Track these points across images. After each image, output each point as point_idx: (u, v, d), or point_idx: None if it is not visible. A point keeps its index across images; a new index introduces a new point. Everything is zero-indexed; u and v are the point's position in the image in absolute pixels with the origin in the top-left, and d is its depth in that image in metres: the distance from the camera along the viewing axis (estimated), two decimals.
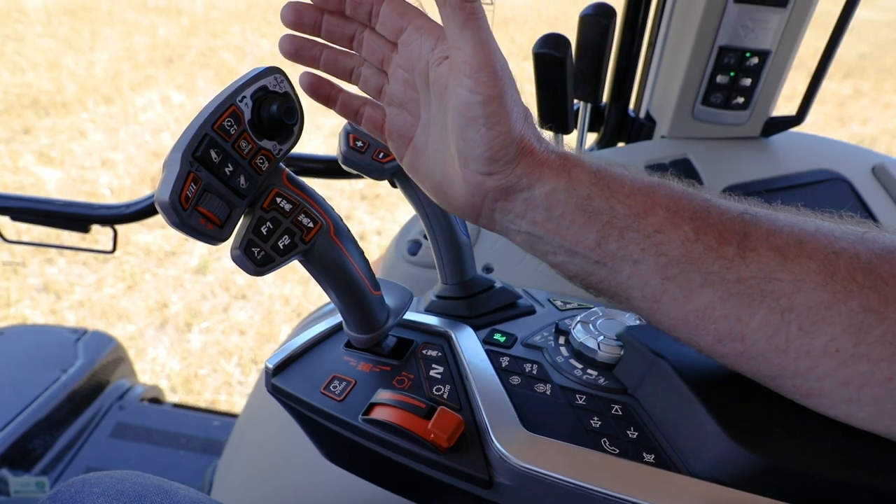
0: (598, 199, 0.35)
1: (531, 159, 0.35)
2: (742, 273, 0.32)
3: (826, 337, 0.31)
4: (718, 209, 0.34)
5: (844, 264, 0.31)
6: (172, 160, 0.33)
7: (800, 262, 0.32)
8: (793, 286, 0.32)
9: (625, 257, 0.35)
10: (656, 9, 0.86)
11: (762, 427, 0.33)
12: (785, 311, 0.32)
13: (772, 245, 0.32)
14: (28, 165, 3.08)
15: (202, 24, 5.42)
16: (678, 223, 0.33)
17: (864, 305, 0.30)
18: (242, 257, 0.36)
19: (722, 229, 0.33)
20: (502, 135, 0.34)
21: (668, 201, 0.34)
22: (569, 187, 0.35)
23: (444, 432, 0.37)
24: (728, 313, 0.33)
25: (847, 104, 4.62)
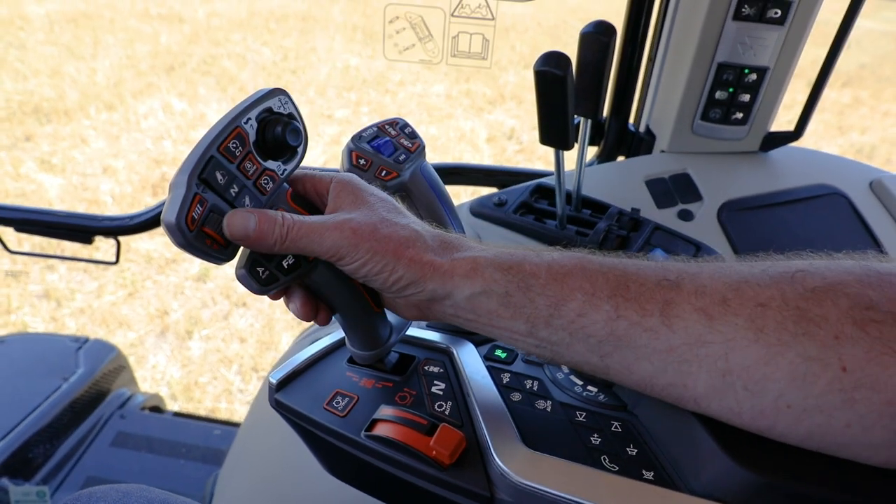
0: (516, 295, 0.36)
1: (436, 273, 0.37)
2: (671, 342, 0.33)
3: (773, 394, 0.31)
4: (637, 280, 0.34)
5: (773, 315, 0.31)
6: (178, 182, 0.33)
7: (726, 320, 0.31)
8: (724, 347, 0.31)
9: (559, 342, 0.36)
10: (656, 25, 0.87)
11: (759, 445, 0.33)
12: (725, 373, 0.32)
13: (695, 307, 0.32)
14: (30, 172, 3.09)
15: (204, 31, 5.44)
16: (597, 304, 0.34)
17: (803, 355, 0.30)
18: (247, 277, 0.36)
19: (642, 301, 0.33)
20: (392, 276, 0.36)
21: (585, 284, 0.35)
22: (486, 290, 0.36)
23: (445, 449, 0.37)
24: (672, 381, 0.34)
25: (846, 113, 4.64)
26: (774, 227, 0.80)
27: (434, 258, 0.37)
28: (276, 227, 0.35)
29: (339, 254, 0.36)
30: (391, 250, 0.36)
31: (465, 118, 4.09)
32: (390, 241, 0.36)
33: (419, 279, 0.37)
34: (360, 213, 0.37)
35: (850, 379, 0.29)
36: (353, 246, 0.36)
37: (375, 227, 0.36)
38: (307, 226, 0.36)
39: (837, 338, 0.29)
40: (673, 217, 0.79)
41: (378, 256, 0.36)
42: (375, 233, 0.36)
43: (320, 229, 0.36)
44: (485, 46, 0.78)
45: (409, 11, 0.78)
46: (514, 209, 0.77)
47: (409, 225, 0.38)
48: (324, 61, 4.98)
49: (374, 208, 0.38)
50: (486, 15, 0.76)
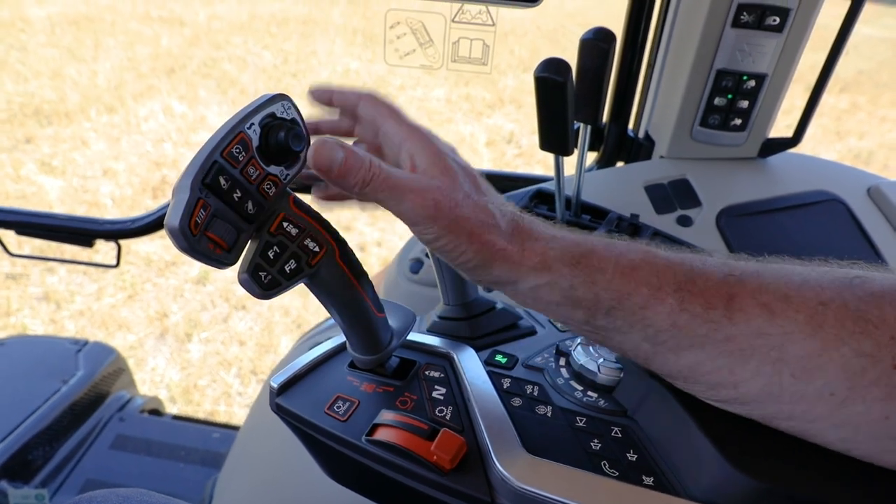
0: (581, 289, 0.36)
1: (505, 261, 0.36)
2: (730, 332, 0.33)
3: (820, 382, 0.32)
4: (703, 276, 0.35)
5: (833, 313, 0.32)
6: (182, 187, 0.33)
7: (787, 315, 0.32)
8: (782, 339, 0.32)
9: (614, 329, 0.36)
10: (655, 32, 0.87)
11: (760, 451, 0.34)
12: (776, 361, 0.32)
13: (758, 303, 0.33)
14: (30, 174, 3.09)
15: (204, 34, 5.45)
16: (662, 297, 0.34)
17: (857, 351, 0.31)
18: (250, 281, 0.37)
19: (707, 296, 0.34)
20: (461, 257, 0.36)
21: (651, 278, 0.35)
22: (551, 282, 0.36)
23: (446, 454, 0.37)
24: (719, 366, 0.34)
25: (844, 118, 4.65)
26: (773, 232, 0.80)
27: (506, 245, 0.36)
28: (363, 169, 0.34)
29: (414, 220, 0.35)
30: (466, 231, 0.35)
31: (464, 122, 4.10)
32: (467, 223, 0.35)
33: (487, 263, 0.36)
34: (443, 181, 0.36)
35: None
36: (430, 218, 0.35)
37: (457, 203, 0.35)
38: (392, 180, 0.35)
39: (894, 338, 0.30)
40: (672, 223, 0.79)
41: (452, 235, 0.35)
42: (455, 210, 0.35)
43: (403, 188, 0.35)
44: (485, 52, 0.79)
45: (409, 17, 0.79)
46: None
47: (487, 206, 0.37)
48: (324, 65, 5.00)
49: (455, 181, 0.36)
50: (486, 21, 0.77)
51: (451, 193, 0.35)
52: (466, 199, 0.36)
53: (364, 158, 0.35)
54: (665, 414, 0.38)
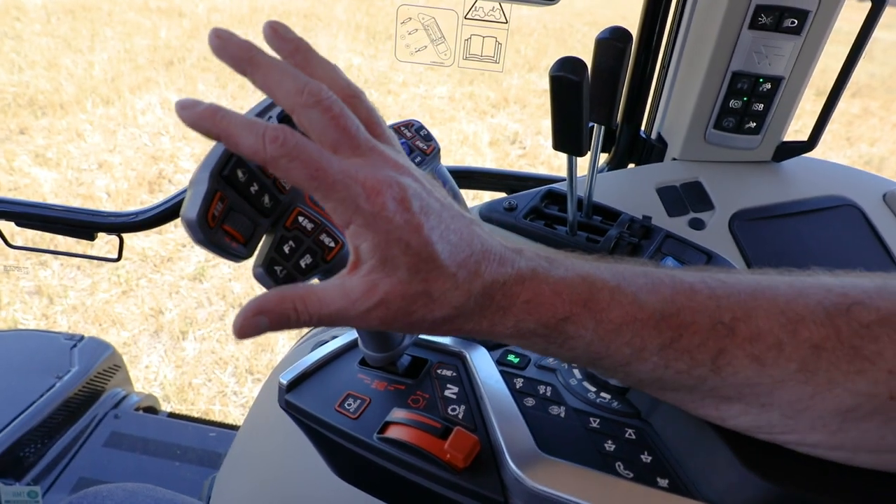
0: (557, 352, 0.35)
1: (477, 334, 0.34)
2: (716, 384, 0.33)
3: (811, 418, 0.31)
4: (690, 329, 0.32)
5: (827, 356, 0.30)
6: (200, 179, 0.33)
7: (779, 364, 0.31)
8: (771, 387, 0.31)
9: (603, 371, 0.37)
10: (670, 32, 0.87)
11: (775, 454, 0.33)
12: (764, 405, 0.32)
13: (748, 354, 0.31)
14: (23, 166, 3.06)
15: (204, 26, 5.43)
16: (645, 357, 0.33)
17: (852, 391, 0.30)
18: (265, 275, 0.36)
19: (694, 352, 0.32)
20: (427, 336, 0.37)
21: (635, 339, 0.33)
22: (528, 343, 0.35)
23: (460, 453, 0.37)
24: (705, 405, 0.34)
25: (856, 123, 4.67)
26: (787, 237, 0.80)
27: (473, 326, 0.34)
28: (292, 322, 0.31)
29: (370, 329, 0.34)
30: (426, 328, 0.33)
31: (467, 121, 4.09)
32: (424, 323, 0.32)
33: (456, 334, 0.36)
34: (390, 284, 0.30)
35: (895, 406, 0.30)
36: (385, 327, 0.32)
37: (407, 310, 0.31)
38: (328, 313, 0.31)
39: (891, 372, 0.29)
40: (684, 225, 0.79)
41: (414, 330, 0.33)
42: (408, 317, 0.31)
43: (345, 316, 0.31)
44: (497, 50, 0.78)
45: (421, 13, 0.78)
46: (525, 214, 0.76)
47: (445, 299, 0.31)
48: None
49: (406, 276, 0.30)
50: (499, 18, 0.76)
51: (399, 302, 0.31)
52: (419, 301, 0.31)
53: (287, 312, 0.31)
54: (680, 416, 0.37)
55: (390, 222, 0.29)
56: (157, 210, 0.90)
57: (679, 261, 0.71)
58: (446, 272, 0.31)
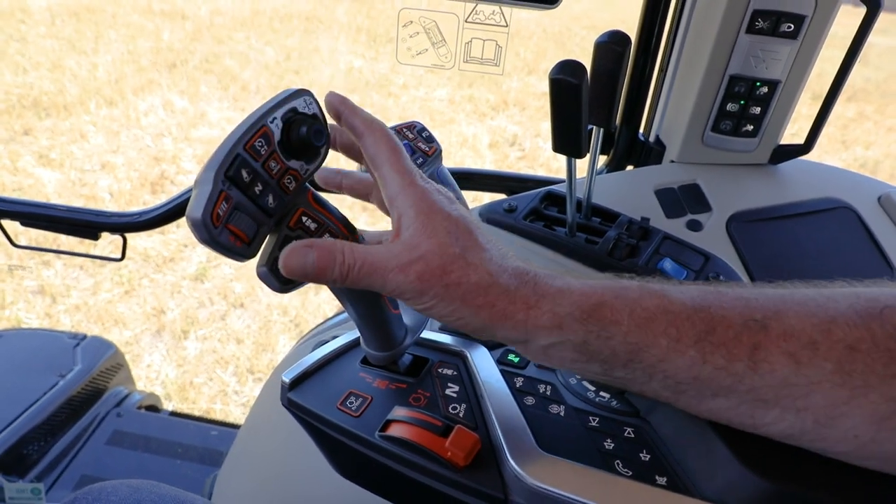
0: (595, 343, 0.34)
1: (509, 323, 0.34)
2: (754, 383, 0.32)
3: (844, 427, 0.31)
4: (723, 322, 0.33)
5: (862, 358, 0.30)
6: (205, 179, 0.33)
7: (815, 363, 0.31)
8: (808, 389, 0.31)
9: (633, 380, 0.35)
10: (668, 36, 0.88)
11: (773, 452, 0.34)
12: (800, 410, 0.32)
13: (783, 351, 0.31)
14: (27, 166, 3.07)
15: (207, 29, 5.45)
16: (682, 350, 0.33)
17: (886, 396, 0.30)
18: (268, 275, 0.36)
19: (730, 346, 0.32)
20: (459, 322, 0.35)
21: (670, 329, 0.33)
22: (563, 341, 0.34)
23: (461, 450, 0.37)
24: (741, 412, 0.33)
25: (851, 127, 4.68)
26: (783, 239, 0.81)
27: (507, 306, 0.34)
28: (336, 264, 0.34)
29: (402, 295, 0.34)
30: (459, 296, 0.34)
31: (467, 123, 4.10)
32: (459, 288, 0.33)
33: (489, 326, 0.35)
34: (428, 246, 0.34)
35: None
36: (417, 292, 0.34)
37: (444, 269, 0.33)
38: (369, 263, 0.34)
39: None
40: (682, 227, 0.79)
41: (445, 302, 0.34)
42: (443, 276, 0.33)
43: (383, 269, 0.34)
44: (497, 53, 0.79)
45: (423, 16, 0.79)
46: (525, 216, 0.77)
47: (482, 265, 0.34)
48: (327, 62, 5.00)
49: (446, 241, 0.34)
50: (499, 22, 0.77)
51: (438, 260, 0.34)
52: (457, 262, 0.34)
53: (335, 252, 0.34)
54: (678, 415, 0.38)
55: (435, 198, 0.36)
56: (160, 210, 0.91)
57: (677, 262, 0.71)
58: (480, 245, 0.35)
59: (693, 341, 0.33)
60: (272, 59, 4.96)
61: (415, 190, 0.36)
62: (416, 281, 0.33)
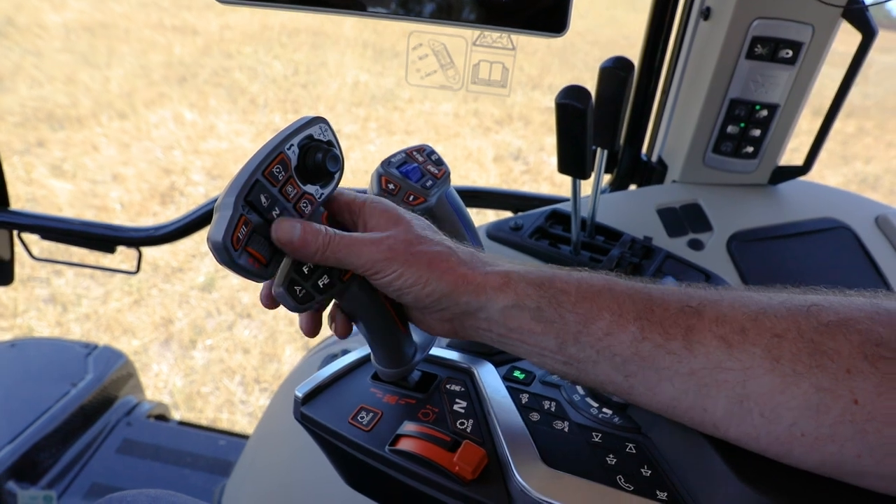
0: (547, 310, 0.37)
1: (470, 287, 0.38)
2: (692, 365, 0.34)
3: (787, 422, 0.32)
4: (661, 305, 0.36)
5: (788, 346, 0.32)
6: (226, 204, 0.35)
7: (745, 348, 0.33)
8: (742, 374, 0.33)
9: (585, 359, 0.37)
10: (671, 60, 0.90)
11: (771, 468, 0.34)
12: (742, 398, 0.33)
13: (716, 335, 0.34)
14: (41, 177, 3.12)
15: (216, 44, 5.51)
16: (624, 324, 0.36)
17: (816, 386, 0.31)
18: (285, 295, 0.38)
19: (666, 325, 0.35)
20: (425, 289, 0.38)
21: (612, 304, 0.36)
22: (518, 303, 0.38)
23: (468, 465, 0.38)
24: (693, 404, 0.35)
25: (850, 143, 4.68)
26: (782, 258, 0.82)
27: (467, 271, 0.39)
28: (319, 237, 0.37)
29: (374, 268, 0.38)
30: (425, 263, 0.38)
31: (472, 137, 4.13)
32: (424, 256, 0.38)
33: (452, 291, 0.38)
34: (395, 230, 0.39)
35: (861, 411, 0.31)
36: (387, 260, 0.38)
37: (410, 242, 0.39)
38: (346, 239, 0.38)
39: (849, 371, 0.31)
40: (683, 246, 0.81)
41: (412, 269, 0.38)
42: (409, 248, 0.38)
43: (358, 244, 0.38)
44: (504, 75, 0.81)
45: (432, 39, 0.81)
46: (530, 234, 0.79)
47: (441, 241, 0.40)
48: (334, 76, 5.04)
49: (408, 226, 0.40)
50: (506, 45, 0.79)
51: (404, 236, 0.39)
52: (421, 239, 0.39)
53: (319, 228, 0.38)
54: (678, 431, 0.39)
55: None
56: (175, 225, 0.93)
57: (678, 280, 0.73)
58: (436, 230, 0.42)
59: (633, 318, 0.36)
60: (280, 73, 5.01)
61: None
62: (387, 251, 0.38)
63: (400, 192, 0.50)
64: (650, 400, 0.37)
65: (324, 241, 0.38)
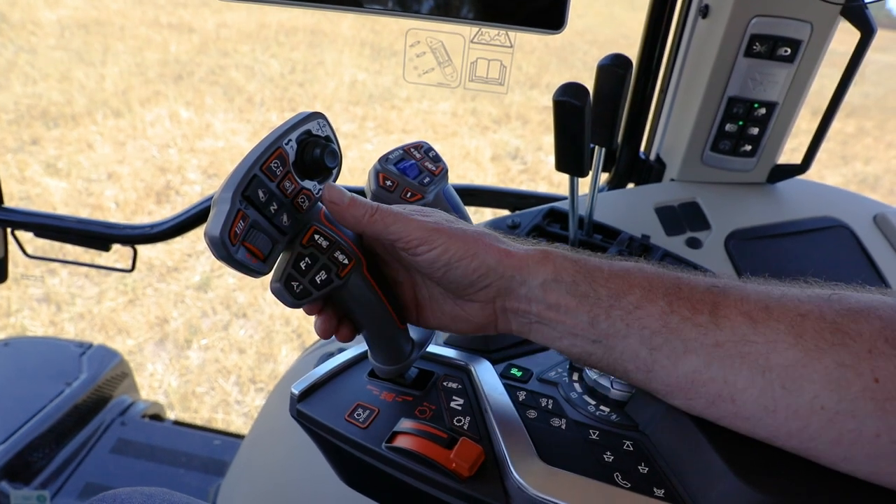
0: (582, 284, 0.39)
1: (513, 261, 0.40)
2: (718, 338, 0.36)
3: (809, 394, 0.33)
4: (689, 284, 0.38)
5: (811, 325, 0.34)
6: (223, 199, 0.34)
7: (769, 324, 0.35)
8: (766, 347, 0.34)
9: (614, 334, 0.38)
10: (669, 58, 0.90)
11: (767, 465, 0.35)
12: (765, 370, 0.34)
13: (741, 311, 0.36)
14: (35, 176, 3.10)
15: (213, 42, 5.50)
16: (654, 299, 0.37)
17: (838, 362, 0.32)
18: (282, 290, 0.38)
19: (693, 301, 0.37)
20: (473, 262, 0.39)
21: (643, 281, 0.38)
22: (557, 277, 0.39)
23: (465, 462, 0.38)
24: (714, 376, 0.36)
25: (850, 143, 4.70)
26: (780, 257, 0.82)
27: (507, 247, 0.40)
28: (367, 205, 0.39)
29: (421, 238, 0.39)
30: (471, 238, 0.40)
31: (470, 136, 4.13)
32: (467, 234, 0.40)
33: (498, 264, 0.40)
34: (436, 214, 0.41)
35: (882, 389, 0.31)
36: (435, 231, 0.39)
37: (452, 224, 0.40)
38: (394, 212, 0.39)
39: (871, 351, 0.32)
40: (681, 244, 0.81)
41: (458, 243, 0.39)
42: (453, 226, 0.40)
43: (405, 219, 0.39)
44: (502, 73, 0.81)
45: (430, 36, 0.80)
46: (528, 232, 0.78)
47: (479, 228, 0.42)
48: (331, 75, 5.04)
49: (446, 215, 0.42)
50: (504, 42, 0.79)
51: (445, 222, 0.40)
52: (457, 223, 0.41)
53: (365, 200, 0.40)
54: (675, 429, 0.39)
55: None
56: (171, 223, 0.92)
57: None
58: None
59: (662, 293, 0.38)
60: (277, 71, 5.00)
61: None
62: (434, 224, 0.39)
63: (397, 188, 0.49)
64: (670, 373, 0.38)
65: (371, 208, 0.39)
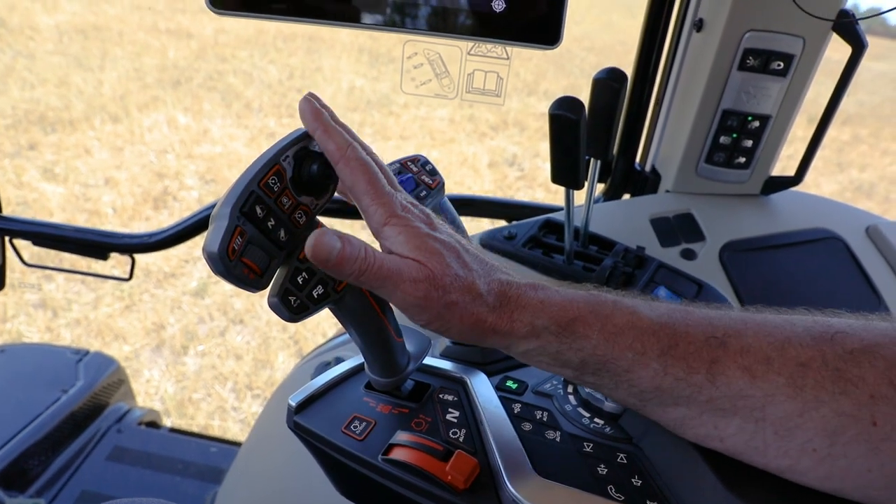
0: (568, 354, 0.38)
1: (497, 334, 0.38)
2: (712, 394, 0.35)
3: (801, 440, 0.33)
4: (686, 338, 0.36)
5: (812, 375, 0.33)
6: (221, 214, 0.35)
7: (768, 377, 0.34)
8: (763, 401, 0.34)
9: (602, 386, 0.39)
10: (664, 71, 0.91)
11: (759, 480, 0.35)
12: (758, 420, 0.34)
13: (739, 366, 0.34)
14: (32, 181, 3.10)
15: (211, 47, 5.51)
16: (646, 363, 0.36)
17: (837, 411, 0.32)
18: (279, 305, 0.38)
19: (690, 360, 0.35)
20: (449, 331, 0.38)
21: (636, 343, 0.36)
22: (539, 348, 0.38)
23: (460, 474, 0.39)
24: (704, 422, 0.36)
25: (846, 150, 4.73)
26: (774, 268, 0.83)
27: (495, 320, 0.38)
28: (358, 259, 0.35)
29: (405, 308, 0.37)
30: (456, 315, 0.37)
31: (467, 143, 4.14)
32: (456, 307, 0.37)
33: (478, 337, 0.39)
34: (434, 266, 0.37)
35: (878, 432, 0.31)
36: (421, 308, 0.37)
37: (446, 289, 0.37)
38: (385, 269, 0.36)
39: (873, 397, 0.32)
40: (676, 256, 0.82)
41: (442, 320, 0.37)
42: (444, 297, 0.36)
43: (395, 279, 0.36)
44: (499, 84, 0.81)
45: (427, 48, 0.81)
46: (523, 243, 0.79)
47: (474, 283, 0.38)
48: (329, 81, 5.05)
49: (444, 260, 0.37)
50: (501, 55, 0.79)
51: (440, 281, 0.36)
52: (454, 282, 0.37)
53: (359, 248, 0.35)
54: (669, 442, 0.39)
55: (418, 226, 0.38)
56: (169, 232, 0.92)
57: (671, 290, 0.73)
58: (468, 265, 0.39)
59: (657, 355, 0.36)
60: (275, 77, 5.01)
61: (398, 222, 0.38)
62: (423, 298, 0.36)
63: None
64: (660, 416, 0.38)
65: (361, 264, 0.35)
